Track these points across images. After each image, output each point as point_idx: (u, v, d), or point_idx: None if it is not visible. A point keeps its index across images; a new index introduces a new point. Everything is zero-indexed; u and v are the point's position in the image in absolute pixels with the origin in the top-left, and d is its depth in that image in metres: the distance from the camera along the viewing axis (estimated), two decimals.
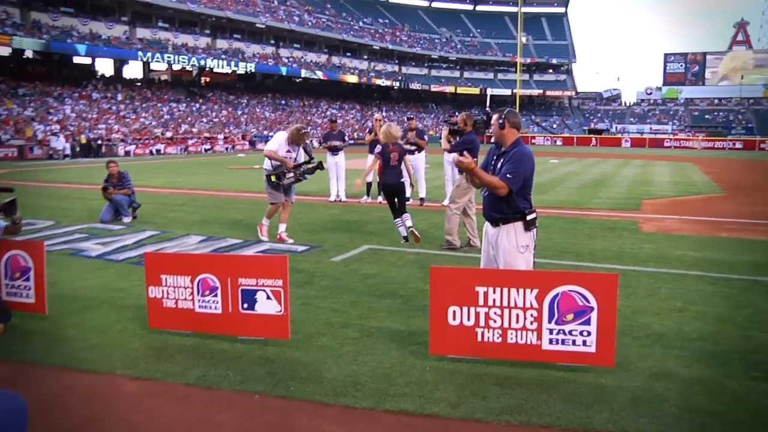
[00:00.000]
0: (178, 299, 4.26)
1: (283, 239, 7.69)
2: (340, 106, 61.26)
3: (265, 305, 4.05)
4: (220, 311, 4.17)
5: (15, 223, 4.56)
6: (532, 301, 3.59)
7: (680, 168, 23.61)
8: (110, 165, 9.83)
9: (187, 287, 4.23)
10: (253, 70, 52.99)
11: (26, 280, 4.62)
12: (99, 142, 33.46)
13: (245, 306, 4.10)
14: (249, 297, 4.08)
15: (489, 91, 61.10)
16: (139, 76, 50.71)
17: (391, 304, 5.05)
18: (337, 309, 4.92)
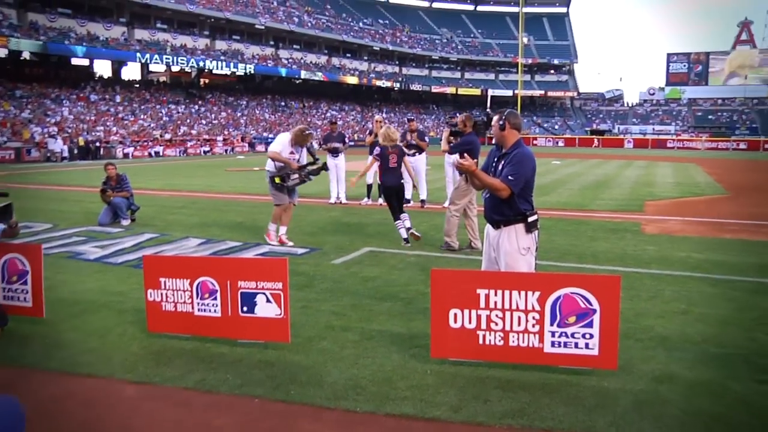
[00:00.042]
0: (177, 303, 4.24)
1: (284, 242, 7.67)
2: (340, 107, 61.21)
3: (264, 308, 4.02)
4: (219, 314, 4.14)
5: (11, 227, 4.54)
6: (534, 304, 3.56)
7: (683, 169, 23.58)
8: (108, 167, 9.80)
9: (186, 290, 4.20)
10: (252, 72, 52.86)
11: (24, 284, 4.59)
12: (97, 144, 33.35)
13: (245, 309, 4.07)
14: (249, 300, 4.05)
15: (490, 92, 61.08)
16: (138, 77, 50.59)
17: (392, 307, 5.03)
18: (337, 312, 4.90)
